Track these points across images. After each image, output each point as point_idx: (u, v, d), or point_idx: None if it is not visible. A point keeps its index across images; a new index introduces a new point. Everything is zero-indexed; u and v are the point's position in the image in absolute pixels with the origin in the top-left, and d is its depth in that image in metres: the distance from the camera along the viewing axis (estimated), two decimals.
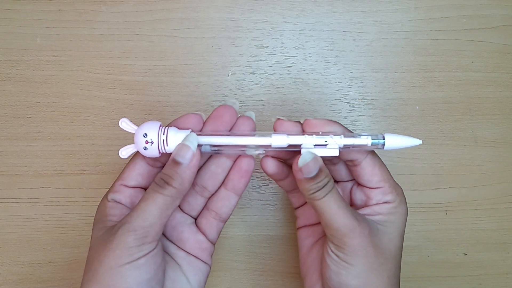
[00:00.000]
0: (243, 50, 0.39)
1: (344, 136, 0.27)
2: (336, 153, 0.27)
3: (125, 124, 0.28)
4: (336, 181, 0.32)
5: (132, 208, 0.27)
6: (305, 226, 0.33)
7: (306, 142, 0.27)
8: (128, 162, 0.30)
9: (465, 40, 0.39)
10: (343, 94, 0.39)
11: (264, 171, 0.30)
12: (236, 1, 0.39)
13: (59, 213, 0.39)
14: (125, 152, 0.28)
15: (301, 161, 0.26)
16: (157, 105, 0.39)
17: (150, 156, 0.28)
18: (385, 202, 0.29)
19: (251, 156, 0.30)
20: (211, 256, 0.31)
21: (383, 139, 0.27)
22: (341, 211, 0.26)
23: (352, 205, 0.31)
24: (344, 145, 0.27)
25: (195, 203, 0.31)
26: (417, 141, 0.28)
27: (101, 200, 0.29)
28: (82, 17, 0.39)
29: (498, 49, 0.40)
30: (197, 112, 0.29)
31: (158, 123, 0.28)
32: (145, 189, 0.30)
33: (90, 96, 0.39)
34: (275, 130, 0.29)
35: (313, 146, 0.27)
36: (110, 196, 0.29)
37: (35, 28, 0.39)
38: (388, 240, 0.28)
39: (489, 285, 0.40)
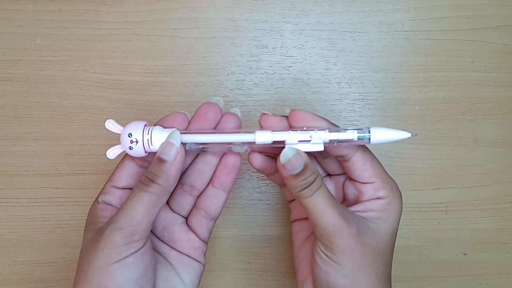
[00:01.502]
0: (243, 50, 0.39)
1: (329, 131, 0.27)
2: (320, 148, 0.27)
3: (111, 125, 0.28)
4: (328, 175, 0.32)
5: (121, 208, 0.27)
6: (299, 219, 0.33)
7: (291, 138, 0.27)
8: (118, 164, 0.30)
9: (465, 40, 0.39)
10: (343, 94, 0.39)
11: (252, 166, 0.30)
12: (236, 1, 0.39)
13: (59, 213, 0.39)
14: (112, 152, 0.28)
15: (283, 157, 0.26)
16: (157, 105, 0.39)
17: (137, 156, 0.28)
18: (378, 198, 0.28)
19: (237, 153, 0.30)
20: (204, 254, 0.31)
21: (369, 132, 0.27)
22: (329, 210, 0.26)
23: (345, 199, 0.31)
24: (330, 140, 0.27)
25: (185, 202, 0.31)
26: (405, 134, 0.27)
27: (93, 202, 0.29)
28: (82, 17, 0.39)
29: (498, 49, 0.40)
30: (181, 111, 0.29)
31: (143, 123, 0.28)
32: None
33: (90, 96, 0.39)
34: (260, 126, 0.28)
35: (297, 142, 0.27)
36: (100, 198, 0.29)
37: (35, 28, 0.39)
38: (378, 238, 0.28)
39: (489, 285, 0.40)
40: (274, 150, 0.30)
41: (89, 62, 0.39)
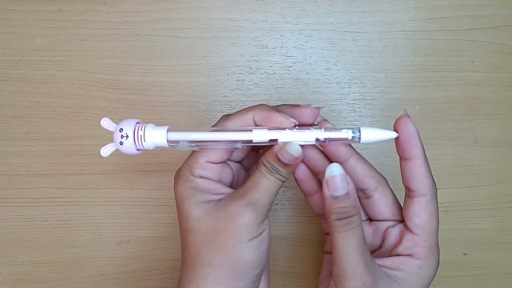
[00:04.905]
0: (243, 50, 0.39)
1: (325, 130, 0.27)
2: (312, 140, 0.27)
3: (106, 123, 0.28)
4: (369, 219, 0.31)
5: (252, 186, 0.27)
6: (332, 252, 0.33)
7: (288, 136, 0.27)
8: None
9: (465, 40, 0.39)
10: (343, 94, 0.39)
11: (294, 175, 0.30)
12: (236, 1, 0.39)
13: (59, 213, 0.39)
14: (106, 150, 0.28)
15: (328, 171, 0.26)
16: (157, 105, 0.39)
17: (128, 153, 0.28)
18: (410, 256, 0.27)
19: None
20: None
21: (359, 132, 0.27)
22: (355, 254, 0.26)
23: (382, 246, 0.30)
24: (325, 138, 0.27)
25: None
26: (393, 134, 0.28)
27: (182, 175, 0.29)
28: (82, 17, 0.39)
29: (498, 49, 0.40)
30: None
31: (136, 120, 0.28)
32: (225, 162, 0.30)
33: (90, 96, 0.39)
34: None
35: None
36: (197, 172, 0.28)
37: (35, 28, 0.39)
38: None
39: (489, 285, 0.40)
40: (319, 168, 0.30)
41: (89, 62, 0.39)
